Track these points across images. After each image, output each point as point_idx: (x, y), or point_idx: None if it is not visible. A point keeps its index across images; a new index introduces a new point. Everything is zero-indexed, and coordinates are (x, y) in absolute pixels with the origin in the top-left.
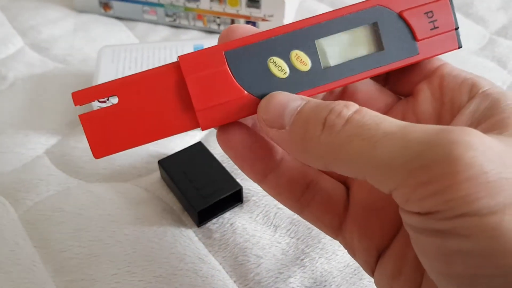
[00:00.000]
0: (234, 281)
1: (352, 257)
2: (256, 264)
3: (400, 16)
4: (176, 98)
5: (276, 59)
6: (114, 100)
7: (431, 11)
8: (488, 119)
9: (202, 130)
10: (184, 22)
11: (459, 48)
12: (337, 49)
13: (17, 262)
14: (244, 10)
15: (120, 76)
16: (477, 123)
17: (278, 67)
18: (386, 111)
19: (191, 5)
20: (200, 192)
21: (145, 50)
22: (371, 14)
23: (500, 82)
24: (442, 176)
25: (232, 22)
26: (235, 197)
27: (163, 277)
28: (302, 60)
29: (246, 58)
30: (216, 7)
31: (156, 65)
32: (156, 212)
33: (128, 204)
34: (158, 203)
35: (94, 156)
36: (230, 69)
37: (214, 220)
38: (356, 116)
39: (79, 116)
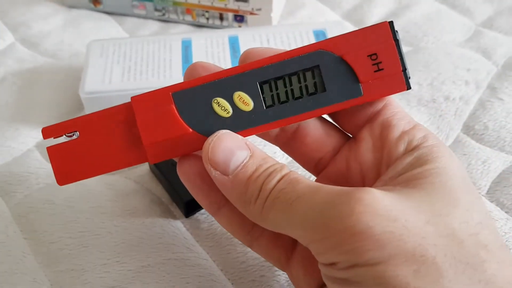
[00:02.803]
0: (221, 270)
1: None
2: (242, 253)
3: (343, 59)
4: (128, 134)
5: (220, 100)
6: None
7: (375, 54)
8: (408, 172)
9: (151, 163)
10: (173, 16)
11: (407, 89)
12: (280, 90)
13: (7, 253)
14: (232, 4)
15: (108, 70)
16: (398, 175)
17: (222, 107)
18: (334, 155)
19: None
20: None
21: (134, 44)
22: (314, 58)
23: (484, 73)
24: (337, 231)
25: (221, 16)
26: None
27: (152, 266)
28: (244, 101)
29: (192, 98)
30: (205, 1)
31: (145, 59)
32: (145, 204)
33: (117, 196)
34: (147, 194)
35: (57, 183)
36: (176, 108)
37: (202, 211)
38: (281, 181)
39: (47, 148)
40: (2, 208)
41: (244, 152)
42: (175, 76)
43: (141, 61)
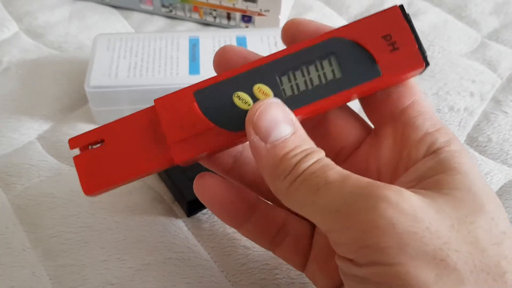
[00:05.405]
0: (222, 271)
1: None
2: (243, 255)
3: (357, 42)
4: (154, 137)
5: (240, 93)
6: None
7: (389, 34)
8: (431, 177)
9: (177, 163)
10: (180, 13)
11: (426, 65)
12: (298, 79)
13: (7, 246)
14: (240, 3)
15: (114, 64)
16: (419, 180)
17: (243, 100)
18: (356, 147)
19: None
20: (192, 183)
21: (141, 40)
22: (328, 46)
23: (489, 85)
24: (359, 223)
25: (228, 15)
26: None
27: (152, 264)
28: (264, 92)
29: (213, 95)
30: (213, 0)
31: (151, 55)
32: (147, 201)
33: (119, 192)
34: (149, 192)
35: (84, 193)
36: (198, 106)
37: (204, 211)
38: (314, 164)
39: (74, 158)
40: (2, 200)
41: (288, 127)
42: (182, 74)
43: (148, 57)
